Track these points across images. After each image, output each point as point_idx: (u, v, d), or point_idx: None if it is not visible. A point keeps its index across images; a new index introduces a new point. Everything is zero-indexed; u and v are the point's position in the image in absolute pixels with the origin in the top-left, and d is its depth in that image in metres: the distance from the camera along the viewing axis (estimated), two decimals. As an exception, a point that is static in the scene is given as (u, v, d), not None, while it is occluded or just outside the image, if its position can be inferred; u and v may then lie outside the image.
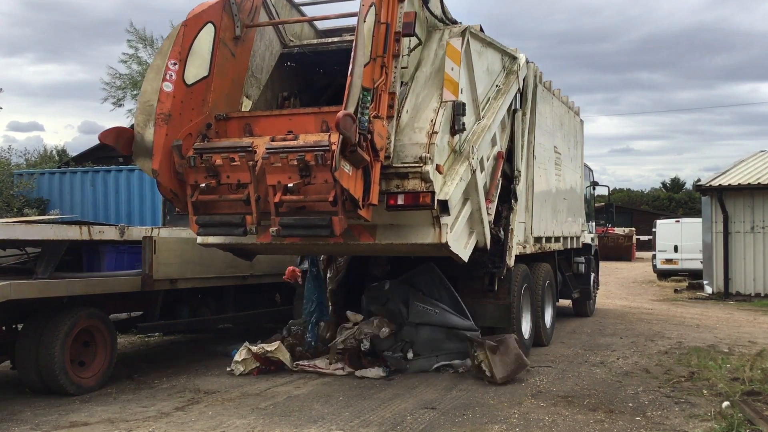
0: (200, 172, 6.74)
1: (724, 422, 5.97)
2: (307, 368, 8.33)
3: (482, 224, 8.06)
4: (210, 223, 6.96)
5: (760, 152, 21.48)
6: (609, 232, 27.07)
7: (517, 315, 9.05)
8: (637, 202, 71.83)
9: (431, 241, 7.15)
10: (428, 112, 7.15)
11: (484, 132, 8.12)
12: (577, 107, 13.44)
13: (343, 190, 6.20)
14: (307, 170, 6.30)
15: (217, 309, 9.81)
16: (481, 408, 6.68)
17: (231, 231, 6.93)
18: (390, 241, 7.30)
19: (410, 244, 7.28)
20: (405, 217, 7.15)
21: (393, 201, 6.89)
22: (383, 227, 7.28)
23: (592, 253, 14.59)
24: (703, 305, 17.19)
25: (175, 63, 6.84)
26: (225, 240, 7.91)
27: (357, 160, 6.18)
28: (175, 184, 6.90)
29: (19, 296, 6.68)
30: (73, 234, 7.67)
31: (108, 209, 20.54)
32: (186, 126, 6.92)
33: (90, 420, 6.28)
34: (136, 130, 6.86)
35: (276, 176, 6.40)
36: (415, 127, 7.07)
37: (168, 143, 6.73)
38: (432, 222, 7.11)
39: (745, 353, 9.51)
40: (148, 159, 6.76)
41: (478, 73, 8.13)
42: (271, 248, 8.20)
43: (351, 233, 7.23)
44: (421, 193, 6.84)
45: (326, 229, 6.40)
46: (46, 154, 41.12)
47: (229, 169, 6.67)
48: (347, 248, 7.79)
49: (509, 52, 9.27)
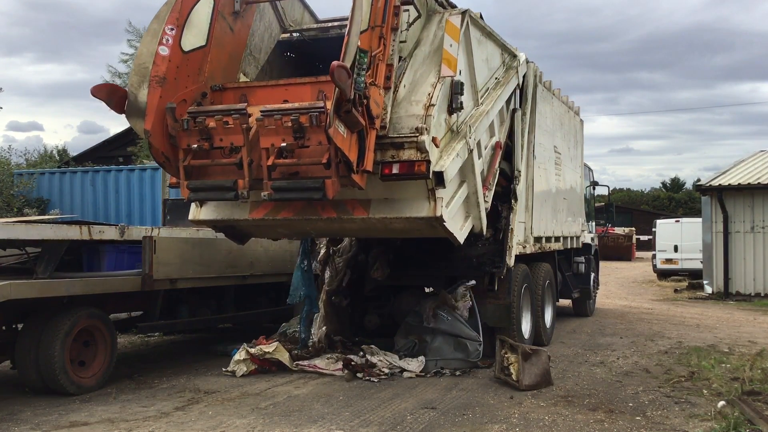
0: (193, 135, 6.69)
1: (724, 422, 5.96)
2: (307, 368, 8.33)
3: (478, 209, 8.03)
4: (201, 187, 6.90)
5: (760, 152, 21.48)
6: (609, 232, 27.05)
7: (517, 315, 9.06)
8: (637, 202, 71.85)
9: (426, 214, 7.05)
10: (426, 87, 7.14)
11: (481, 117, 8.12)
12: (577, 107, 13.44)
13: (337, 151, 6.16)
14: (301, 132, 6.27)
15: (217, 309, 9.80)
16: (481, 408, 6.68)
17: (222, 195, 6.83)
18: (384, 215, 7.18)
19: (404, 218, 7.15)
20: (400, 190, 7.09)
21: (388, 170, 6.85)
22: (377, 201, 7.20)
23: (592, 253, 14.60)
24: (703, 305, 17.19)
25: (172, 28, 6.81)
26: (217, 216, 7.84)
27: (352, 122, 6.13)
28: (168, 148, 6.84)
29: (19, 296, 6.67)
30: (73, 234, 7.67)
31: (108, 209, 20.54)
32: (180, 91, 6.88)
33: (90, 420, 6.28)
34: (130, 90, 6.77)
35: (270, 139, 6.38)
36: (412, 101, 7.06)
37: (162, 105, 6.68)
38: (427, 195, 7.04)
39: (745, 353, 9.51)
40: (141, 119, 6.69)
41: (477, 62, 8.14)
42: (263, 225, 7.97)
43: (345, 207, 7.20)
44: (416, 162, 6.80)
45: (319, 192, 6.33)
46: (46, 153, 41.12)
47: (223, 132, 6.62)
48: (340, 224, 7.59)
49: (509, 48, 9.29)
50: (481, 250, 9.25)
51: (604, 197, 18.99)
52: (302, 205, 7.34)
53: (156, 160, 7.01)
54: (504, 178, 9.62)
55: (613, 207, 18.01)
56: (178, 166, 6.87)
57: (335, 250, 9.35)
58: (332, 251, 9.34)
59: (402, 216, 7.15)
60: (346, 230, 8.09)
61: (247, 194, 6.67)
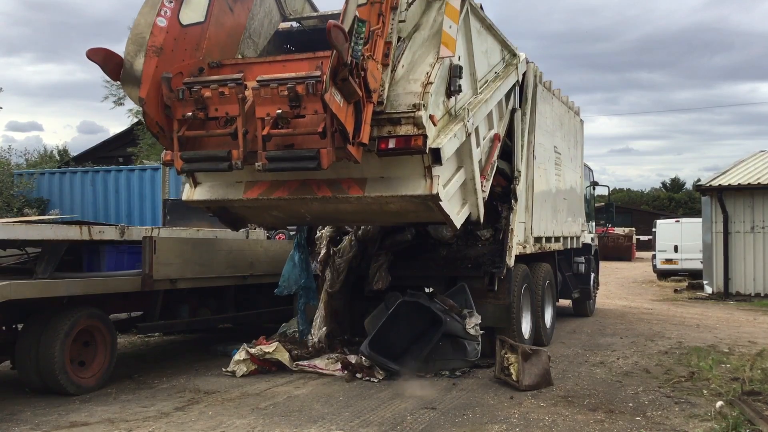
0: (188, 105, 6.66)
1: (724, 422, 5.96)
2: (307, 368, 8.33)
3: (476, 195, 8.02)
4: (195, 158, 6.86)
5: (760, 152, 21.49)
6: (609, 232, 27.05)
7: (517, 315, 9.06)
8: (637, 202, 71.88)
9: (422, 192, 6.99)
10: (424, 67, 7.13)
11: (480, 104, 8.12)
12: (577, 107, 13.44)
13: (332, 120, 6.14)
14: (297, 100, 6.25)
15: (217, 309, 9.80)
16: (481, 408, 6.68)
17: (216, 165, 6.76)
18: (379, 193, 7.12)
19: (400, 197, 7.09)
20: (396, 168, 7.06)
21: (384, 145, 6.82)
22: (373, 180, 7.16)
23: (592, 253, 14.59)
24: (703, 305, 17.19)
25: (171, 1, 6.79)
26: (211, 196, 7.79)
27: (348, 91, 6.10)
28: (162, 118, 6.82)
29: (19, 296, 6.67)
30: (73, 234, 7.67)
31: (108, 209, 20.56)
32: (177, 64, 6.86)
33: (90, 420, 6.28)
34: (126, 59, 6.72)
35: (265, 108, 6.35)
36: (410, 79, 7.05)
37: (157, 74, 6.66)
38: (423, 173, 7.00)
39: (745, 353, 9.52)
40: (136, 87, 6.66)
41: (477, 53, 8.14)
42: (257, 206, 7.87)
43: (340, 186, 7.17)
44: (413, 137, 6.77)
45: (313, 161, 6.29)
46: (46, 154, 41.15)
47: (218, 102, 6.59)
48: (335, 204, 7.49)
49: (510, 46, 9.30)
50: (481, 250, 9.27)
51: (604, 197, 19.01)
52: (297, 185, 7.30)
53: (150, 130, 6.97)
54: (504, 178, 9.63)
55: (613, 207, 18.00)
56: (172, 137, 6.83)
57: (335, 250, 9.34)
58: (332, 252, 9.34)
59: (398, 194, 7.08)
60: (341, 212, 7.91)
61: (240, 165, 6.58)
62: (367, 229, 9.30)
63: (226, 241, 9.72)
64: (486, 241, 9.43)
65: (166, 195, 14.78)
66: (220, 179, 7.76)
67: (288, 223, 8.84)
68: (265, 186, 7.45)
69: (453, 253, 9.38)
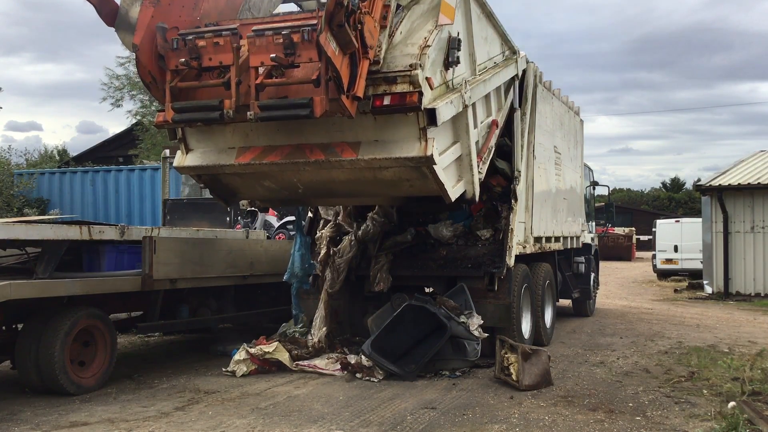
0: (182, 55, 6.64)
1: (724, 422, 5.96)
2: (307, 368, 8.33)
3: (471, 173, 8.00)
4: (187, 108, 6.81)
5: (760, 152, 21.49)
6: (609, 232, 27.04)
7: (517, 315, 9.06)
8: (637, 202, 71.87)
9: (416, 153, 6.95)
10: (422, 32, 7.16)
11: (478, 83, 8.14)
12: (577, 107, 13.44)
13: (327, 67, 6.12)
14: (292, 48, 6.22)
15: (217, 309, 9.81)
16: (481, 408, 6.68)
17: (208, 115, 6.71)
18: (373, 156, 7.06)
19: (394, 159, 7.03)
20: (391, 131, 7.05)
21: (379, 102, 6.81)
22: (367, 144, 7.13)
23: (592, 253, 14.59)
24: (703, 305, 17.19)
25: None
26: (203, 162, 7.73)
27: (344, 39, 6.08)
28: (155, 68, 6.79)
29: (19, 296, 6.67)
30: (73, 234, 7.67)
31: (108, 209, 20.59)
32: (173, 18, 6.85)
33: (90, 420, 6.28)
34: (122, 5, 6.73)
35: (260, 57, 6.33)
36: (407, 43, 7.08)
37: (152, 24, 6.65)
38: (418, 135, 6.97)
39: (745, 353, 9.51)
40: (130, 34, 6.63)
41: (477, 37, 8.17)
42: (249, 172, 7.74)
43: (333, 150, 7.13)
44: (408, 93, 6.75)
45: (306, 108, 6.24)
46: (46, 153, 41.16)
47: (213, 51, 6.56)
48: (329, 171, 7.43)
49: (510, 42, 9.34)
50: (481, 250, 9.27)
51: (604, 197, 18.99)
52: (290, 149, 7.28)
53: (142, 80, 6.93)
54: (504, 178, 9.63)
55: (613, 207, 18.00)
56: (164, 89, 6.80)
57: (335, 250, 9.35)
58: (332, 252, 9.34)
59: (392, 156, 7.02)
60: (333, 182, 7.76)
61: (232, 114, 6.53)
62: (368, 230, 9.30)
63: (226, 241, 9.72)
64: (486, 241, 9.43)
65: (166, 195, 14.78)
66: (213, 145, 7.73)
67: (279, 197, 8.60)
68: (258, 151, 7.41)
69: (453, 253, 9.38)
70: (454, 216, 9.82)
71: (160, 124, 7.30)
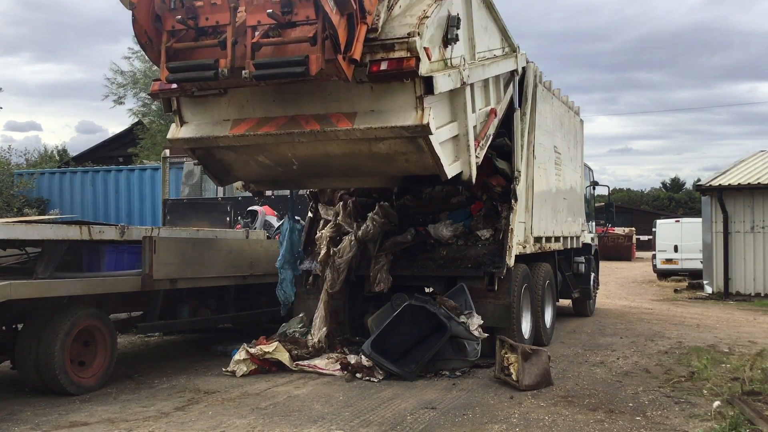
0: (179, 14, 6.64)
1: (724, 422, 5.97)
2: (307, 368, 8.33)
3: (468, 154, 7.99)
4: (182, 67, 6.78)
5: (760, 152, 21.50)
6: (609, 232, 27.05)
7: (517, 315, 9.06)
8: (637, 202, 71.91)
9: (412, 122, 6.93)
10: (421, 6, 7.19)
11: (477, 66, 8.14)
12: (577, 107, 13.44)
13: (324, 24, 6.12)
14: (289, 6, 6.24)
15: (217, 309, 9.81)
16: (481, 408, 6.68)
17: (202, 74, 6.69)
18: (369, 125, 7.04)
19: (390, 128, 7.01)
20: (387, 101, 7.03)
21: (376, 67, 6.80)
22: (363, 114, 7.11)
23: (592, 253, 14.59)
24: (703, 305, 17.19)
25: None
26: (197, 134, 7.68)
27: None
28: (151, 28, 6.77)
29: (19, 296, 6.67)
30: (73, 234, 7.67)
31: (108, 209, 20.59)
32: None
33: (90, 420, 6.28)
34: None
35: (256, 15, 6.34)
36: (406, 15, 7.10)
37: None
38: (415, 104, 6.96)
39: (745, 353, 9.51)
40: None
41: (477, 25, 8.19)
42: (243, 145, 7.68)
43: (329, 120, 7.12)
44: (405, 58, 6.75)
45: (301, 66, 6.23)
46: (46, 153, 41.16)
47: (209, 11, 6.57)
48: (323, 144, 7.39)
49: (510, 37, 9.36)
50: (481, 250, 9.27)
51: (604, 197, 19.00)
52: (285, 120, 7.27)
53: (138, 41, 6.89)
54: (504, 178, 9.63)
55: (613, 207, 18.00)
56: (159, 50, 6.78)
57: (335, 250, 9.34)
58: (332, 252, 9.34)
59: (388, 125, 7.00)
60: (329, 155, 7.67)
61: (227, 73, 6.51)
62: (368, 230, 9.30)
63: (226, 241, 9.73)
64: (486, 241, 9.43)
65: (166, 195, 14.77)
66: (208, 117, 7.71)
67: (274, 175, 8.50)
68: (253, 122, 7.41)
69: (453, 253, 9.38)
70: (454, 216, 9.82)
71: (155, 92, 7.27)
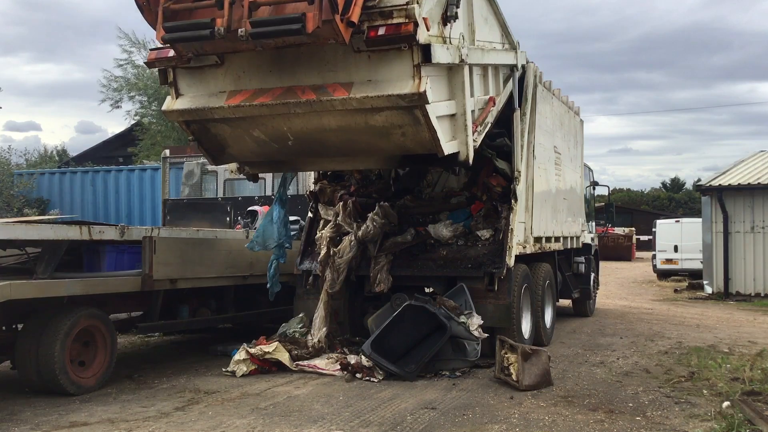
0: None
1: (724, 422, 5.97)
2: (307, 368, 8.33)
3: (465, 134, 7.94)
4: (178, 27, 6.75)
5: (760, 152, 21.51)
6: (609, 232, 27.06)
7: (517, 315, 9.06)
8: (637, 202, 71.84)
9: (409, 90, 6.90)
10: None
11: (476, 50, 8.14)
12: (577, 107, 13.44)
13: None
14: None
15: (217, 309, 9.81)
16: (481, 408, 6.68)
17: (199, 33, 6.66)
18: (365, 94, 7.01)
19: (386, 96, 6.97)
20: (384, 70, 7.01)
21: (374, 33, 6.77)
22: (360, 83, 7.09)
23: (592, 253, 14.59)
24: (703, 305, 17.20)
25: None
26: (192, 105, 7.66)
27: None
28: None
29: (19, 296, 6.67)
30: (73, 234, 7.66)
31: (108, 209, 20.60)
32: None
33: (90, 420, 6.28)
34: None
35: None
36: None
37: None
38: (412, 73, 6.92)
39: (745, 353, 9.52)
40: None
41: (477, 15, 8.18)
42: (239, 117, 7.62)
43: (325, 90, 7.10)
44: (402, 24, 6.72)
45: (298, 23, 6.22)
46: (46, 154, 41.15)
47: None
48: (319, 116, 7.37)
49: (510, 34, 9.36)
50: (481, 250, 9.27)
51: (604, 197, 19.01)
52: (281, 91, 7.25)
53: (136, 2, 6.85)
54: (504, 178, 9.63)
55: (613, 207, 18.01)
56: (157, 11, 6.75)
57: (335, 250, 9.35)
58: (332, 252, 9.35)
59: (384, 94, 6.97)
60: (324, 129, 7.61)
61: (223, 32, 6.49)
62: (368, 230, 9.30)
63: (226, 241, 9.72)
64: (486, 241, 9.43)
65: (166, 195, 14.78)
66: (204, 89, 7.69)
67: (269, 153, 8.39)
68: (249, 93, 7.40)
69: (453, 253, 9.38)
70: (454, 216, 9.83)
71: (151, 60, 7.24)
